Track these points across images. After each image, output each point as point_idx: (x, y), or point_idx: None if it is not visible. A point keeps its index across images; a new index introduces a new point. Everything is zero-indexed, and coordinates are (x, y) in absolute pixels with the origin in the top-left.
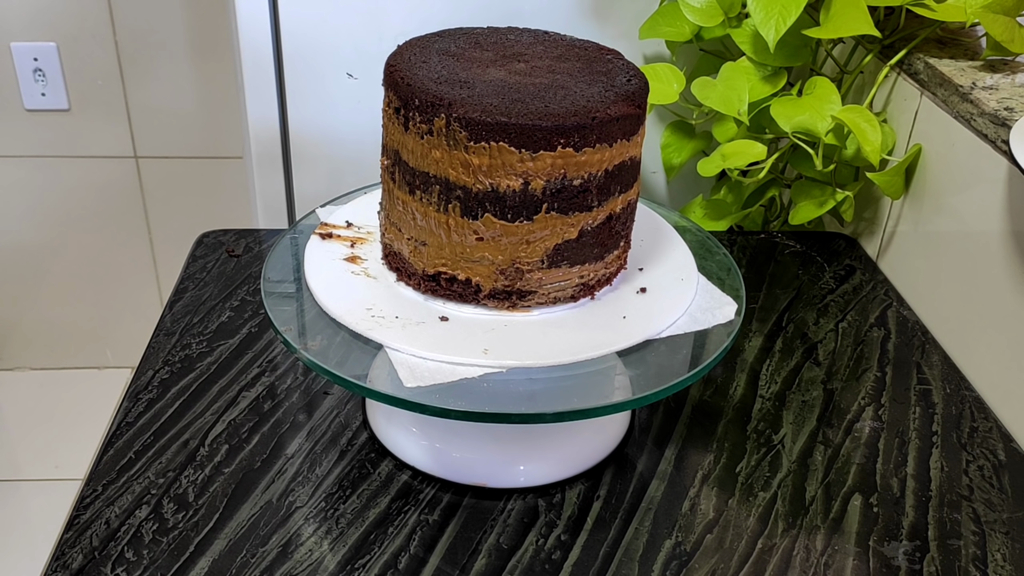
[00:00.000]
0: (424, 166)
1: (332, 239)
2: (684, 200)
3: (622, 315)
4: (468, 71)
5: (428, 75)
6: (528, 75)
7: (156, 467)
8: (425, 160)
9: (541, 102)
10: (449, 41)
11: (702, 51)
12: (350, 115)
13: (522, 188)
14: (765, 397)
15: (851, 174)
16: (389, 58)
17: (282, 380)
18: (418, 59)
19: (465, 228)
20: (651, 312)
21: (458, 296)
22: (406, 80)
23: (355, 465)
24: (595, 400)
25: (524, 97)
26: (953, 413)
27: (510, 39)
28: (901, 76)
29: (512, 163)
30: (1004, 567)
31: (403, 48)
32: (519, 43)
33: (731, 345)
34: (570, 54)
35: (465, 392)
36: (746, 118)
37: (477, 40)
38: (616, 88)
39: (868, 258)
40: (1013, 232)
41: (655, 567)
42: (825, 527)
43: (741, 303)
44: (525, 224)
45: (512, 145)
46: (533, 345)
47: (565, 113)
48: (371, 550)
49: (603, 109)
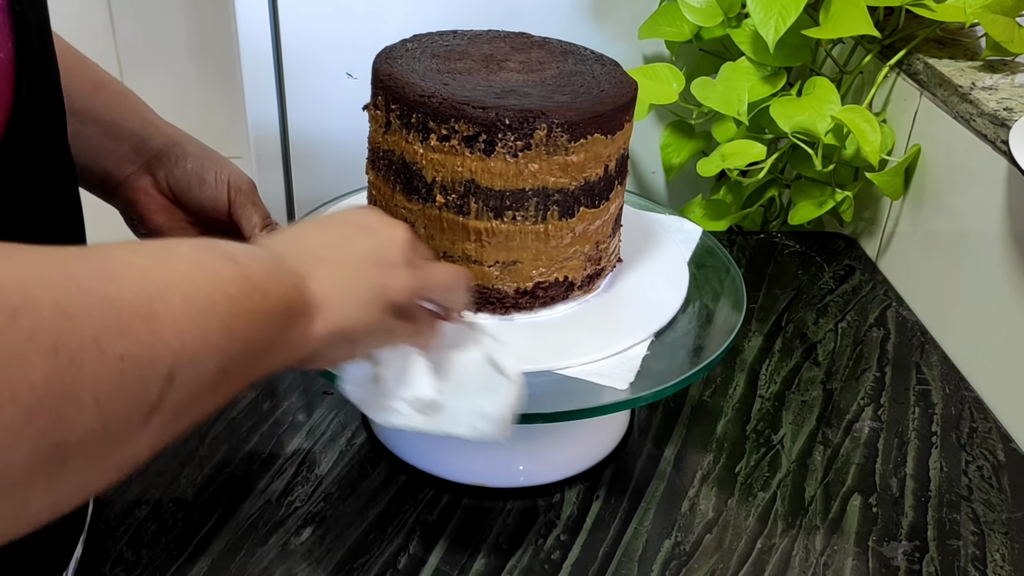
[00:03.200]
0: (518, 184)
1: None
2: (684, 200)
3: (620, 316)
4: (498, 78)
5: (488, 94)
6: (538, 70)
7: (155, 467)
8: (519, 177)
9: (593, 88)
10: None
11: (702, 51)
12: (350, 115)
13: (604, 173)
14: (764, 397)
15: (850, 174)
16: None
17: (281, 380)
18: (454, 82)
19: (563, 230)
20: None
21: (550, 299)
22: (484, 106)
23: (354, 465)
24: (593, 400)
25: (576, 88)
26: (952, 413)
27: (483, 46)
28: (901, 76)
29: (600, 151)
30: (1003, 567)
31: (422, 73)
32: (496, 47)
33: (731, 345)
34: (537, 51)
35: None
36: (746, 118)
37: (453, 51)
38: (609, 74)
39: (867, 258)
40: (1013, 232)
41: (654, 567)
42: (824, 527)
43: (741, 303)
44: (604, 204)
45: (602, 133)
46: (532, 348)
47: (616, 93)
48: (370, 550)
49: (623, 88)
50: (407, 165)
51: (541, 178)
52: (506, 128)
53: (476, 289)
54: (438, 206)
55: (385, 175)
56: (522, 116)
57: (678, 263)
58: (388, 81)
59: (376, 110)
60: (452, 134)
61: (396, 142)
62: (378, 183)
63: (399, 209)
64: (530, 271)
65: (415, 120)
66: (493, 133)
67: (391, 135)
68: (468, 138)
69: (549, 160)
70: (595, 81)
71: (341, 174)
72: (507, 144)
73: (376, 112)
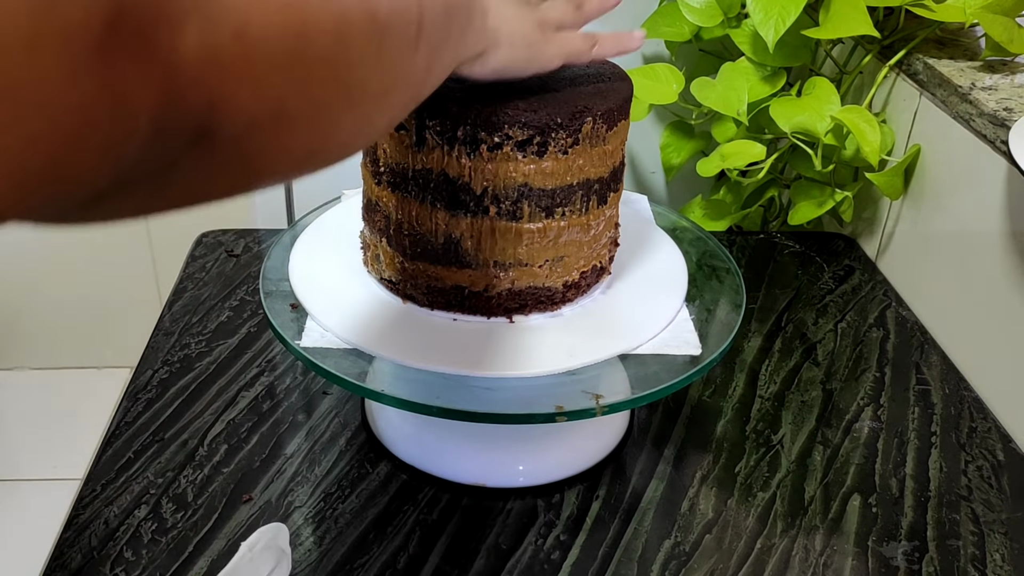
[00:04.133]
0: (566, 180)
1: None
2: (683, 200)
3: (618, 318)
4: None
5: (526, 95)
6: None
7: (155, 467)
8: (568, 173)
9: (599, 78)
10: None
11: (701, 51)
12: None
13: (622, 158)
14: (764, 397)
15: (850, 174)
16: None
17: (281, 380)
18: (485, 90)
19: (600, 217)
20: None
21: (588, 287)
22: (534, 108)
23: (354, 465)
24: (592, 400)
25: (586, 79)
26: (952, 413)
27: None
28: (900, 76)
29: (624, 136)
30: (1003, 567)
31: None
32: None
33: (731, 345)
34: None
35: (464, 392)
36: (745, 118)
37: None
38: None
39: (867, 258)
40: (1012, 232)
41: (654, 567)
42: (824, 527)
43: (741, 303)
44: (620, 186)
45: (625, 118)
46: (531, 350)
47: (618, 76)
48: (370, 550)
49: (616, 70)
50: (451, 180)
51: (586, 171)
52: (558, 127)
53: (527, 291)
54: (490, 216)
55: (418, 195)
56: (570, 113)
57: (651, 230)
58: None
59: (400, 130)
60: (505, 141)
61: (435, 159)
62: (407, 205)
63: (440, 227)
64: (575, 263)
65: (461, 133)
66: (546, 134)
67: (426, 153)
68: (521, 143)
69: (591, 152)
70: (594, 70)
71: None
72: (559, 143)
73: (401, 132)
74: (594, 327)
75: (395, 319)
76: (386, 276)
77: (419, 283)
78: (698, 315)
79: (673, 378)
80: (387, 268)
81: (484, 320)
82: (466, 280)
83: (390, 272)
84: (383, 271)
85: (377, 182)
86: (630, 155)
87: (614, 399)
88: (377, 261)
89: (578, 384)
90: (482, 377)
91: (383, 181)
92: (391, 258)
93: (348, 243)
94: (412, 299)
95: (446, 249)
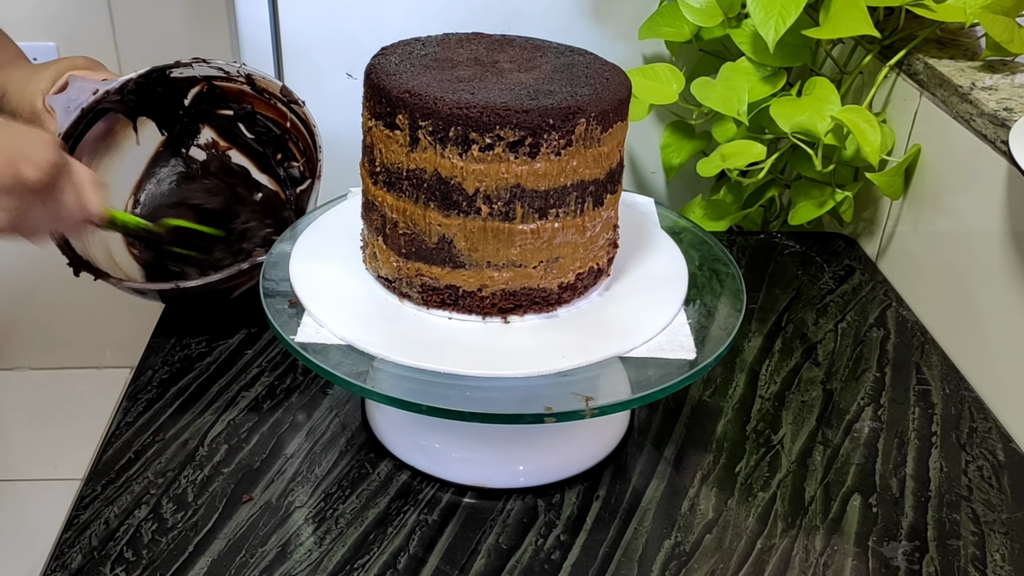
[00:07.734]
0: (560, 181)
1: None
2: (684, 200)
3: (618, 319)
4: (509, 80)
5: (519, 96)
6: (536, 67)
7: (155, 467)
8: (562, 174)
9: (599, 78)
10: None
11: (702, 51)
12: (350, 115)
13: (620, 159)
14: (764, 397)
15: (850, 174)
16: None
17: (281, 380)
18: (478, 90)
19: (596, 219)
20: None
21: (585, 289)
22: (526, 109)
23: (354, 465)
24: (582, 402)
25: (585, 79)
26: (952, 413)
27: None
28: (900, 76)
29: (620, 138)
30: (1003, 567)
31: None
32: (471, 49)
33: (731, 345)
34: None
35: (455, 391)
36: (745, 118)
37: (440, 59)
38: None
39: (867, 258)
40: (1012, 232)
41: (654, 567)
42: (824, 527)
43: (741, 303)
44: (618, 188)
45: (621, 120)
46: (523, 351)
47: (618, 78)
48: (370, 550)
49: (616, 72)
50: (443, 180)
51: (580, 172)
52: (550, 128)
53: (521, 292)
54: (483, 217)
55: (413, 195)
56: (563, 114)
57: (655, 233)
58: (410, 99)
59: (395, 130)
60: (496, 142)
61: (427, 159)
62: (402, 204)
63: (433, 226)
64: (569, 266)
65: (453, 134)
66: (538, 135)
67: (419, 152)
68: (513, 144)
69: (585, 153)
70: (592, 71)
71: (341, 174)
72: (551, 144)
73: (395, 132)
74: (589, 329)
75: (390, 317)
76: (383, 274)
77: (414, 282)
78: (697, 319)
79: (670, 381)
80: (384, 266)
81: (479, 320)
82: (460, 280)
83: (387, 270)
84: (380, 269)
85: (374, 182)
86: (630, 155)
87: (606, 401)
88: (375, 259)
89: (572, 385)
90: (473, 376)
91: (379, 181)
92: (387, 257)
93: (350, 241)
94: (408, 298)
95: (439, 249)
